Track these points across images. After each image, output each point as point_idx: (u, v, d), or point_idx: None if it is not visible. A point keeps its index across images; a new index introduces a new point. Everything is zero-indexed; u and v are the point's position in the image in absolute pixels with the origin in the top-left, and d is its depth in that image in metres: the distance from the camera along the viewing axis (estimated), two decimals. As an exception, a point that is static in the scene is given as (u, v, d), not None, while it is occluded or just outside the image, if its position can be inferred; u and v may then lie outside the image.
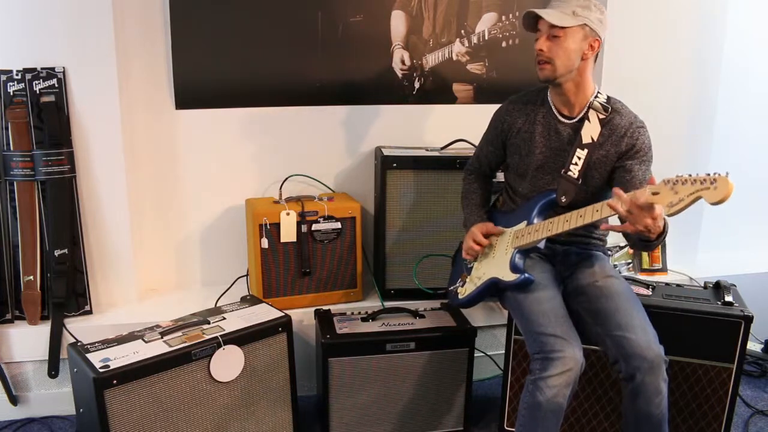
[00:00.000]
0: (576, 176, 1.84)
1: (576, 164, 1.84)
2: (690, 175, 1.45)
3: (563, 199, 1.85)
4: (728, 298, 1.99)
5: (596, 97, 1.85)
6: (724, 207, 2.97)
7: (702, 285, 2.18)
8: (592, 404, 2.06)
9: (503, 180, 2.11)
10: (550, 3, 1.80)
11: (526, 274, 1.82)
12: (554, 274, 1.93)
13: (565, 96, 1.85)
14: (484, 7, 2.57)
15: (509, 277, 1.84)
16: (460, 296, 2.02)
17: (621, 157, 1.84)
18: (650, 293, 2.06)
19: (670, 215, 1.49)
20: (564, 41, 1.75)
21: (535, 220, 1.86)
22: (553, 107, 1.90)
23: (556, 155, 1.88)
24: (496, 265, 1.91)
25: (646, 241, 1.66)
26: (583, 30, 1.76)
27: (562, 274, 1.95)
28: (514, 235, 1.89)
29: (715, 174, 1.41)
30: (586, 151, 1.83)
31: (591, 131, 1.84)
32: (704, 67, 2.70)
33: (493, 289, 1.92)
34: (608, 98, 1.87)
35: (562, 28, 1.74)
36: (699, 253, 2.89)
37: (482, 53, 2.61)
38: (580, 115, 1.86)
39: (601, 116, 1.84)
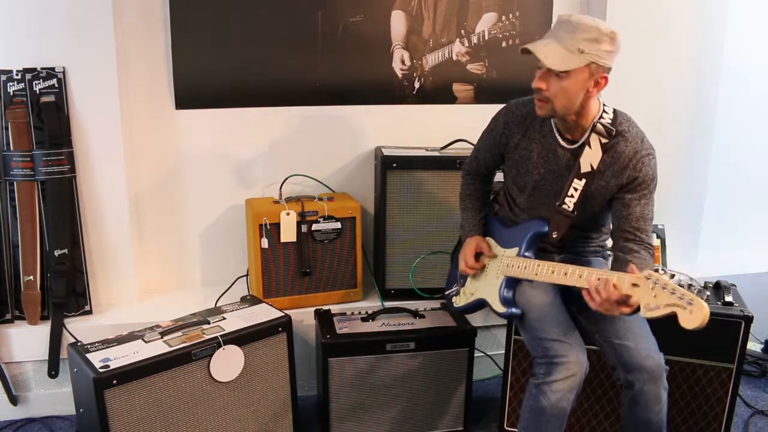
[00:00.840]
0: (571, 209, 1.74)
1: (572, 196, 1.72)
2: (671, 281, 1.38)
3: (554, 235, 1.78)
4: (728, 298, 1.99)
5: (601, 117, 1.69)
6: (724, 206, 2.98)
7: (702, 285, 2.18)
8: (592, 404, 2.06)
9: (502, 181, 2.10)
10: (554, 30, 1.61)
11: (513, 309, 1.79)
12: None
13: (566, 123, 1.72)
14: (484, 7, 2.57)
15: (498, 307, 1.84)
16: (454, 304, 2.04)
17: (621, 188, 1.71)
18: (650, 293, 2.06)
19: (644, 317, 1.44)
20: (565, 80, 1.58)
21: (526, 253, 1.82)
22: (554, 128, 1.77)
23: (555, 178, 1.79)
24: (487, 286, 1.90)
25: None
26: (589, 68, 1.58)
27: None
28: (505, 262, 1.85)
29: (693, 295, 1.35)
30: (584, 181, 1.70)
31: (591, 158, 1.69)
32: (704, 67, 2.70)
33: (484, 306, 1.93)
34: (614, 117, 1.71)
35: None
36: (699, 253, 2.89)
37: (482, 53, 2.61)
38: (582, 140, 1.72)
39: (604, 140, 1.69)
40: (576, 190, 1.71)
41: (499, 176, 2.17)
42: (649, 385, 1.64)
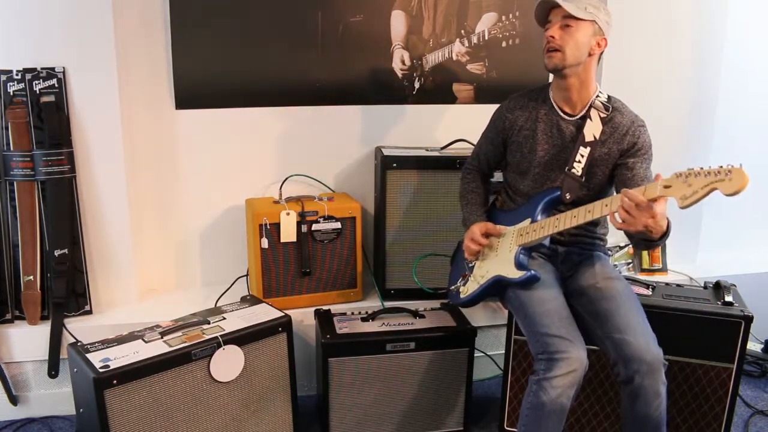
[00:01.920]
0: (580, 174, 1.86)
1: (579, 162, 1.86)
2: (702, 168, 1.46)
3: (567, 196, 1.87)
4: (728, 298, 1.99)
5: (597, 96, 1.88)
6: (725, 206, 2.98)
7: (702, 285, 2.18)
8: (592, 404, 2.06)
9: (501, 181, 2.11)
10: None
11: (532, 271, 1.82)
12: (556, 274, 1.93)
13: (567, 92, 1.87)
14: (484, 7, 2.57)
15: (514, 274, 1.84)
16: (462, 295, 2.02)
17: (623, 154, 1.86)
18: (650, 293, 2.06)
19: (683, 207, 1.50)
20: (575, 31, 1.78)
21: (539, 218, 1.87)
22: (555, 105, 1.91)
23: (559, 152, 1.90)
24: (499, 263, 1.91)
25: (649, 240, 1.67)
26: (593, 26, 1.79)
27: (563, 275, 1.95)
28: (517, 233, 1.90)
29: (729, 166, 1.42)
30: (588, 149, 1.85)
31: (593, 130, 1.86)
32: (704, 67, 2.70)
33: (497, 288, 1.92)
34: (609, 97, 1.90)
35: (576, 19, 1.76)
36: (699, 253, 2.89)
37: (482, 53, 2.61)
38: (582, 113, 1.88)
39: (602, 115, 1.86)
40: (582, 156, 1.86)
41: (497, 176, 2.18)
42: (648, 379, 1.65)
